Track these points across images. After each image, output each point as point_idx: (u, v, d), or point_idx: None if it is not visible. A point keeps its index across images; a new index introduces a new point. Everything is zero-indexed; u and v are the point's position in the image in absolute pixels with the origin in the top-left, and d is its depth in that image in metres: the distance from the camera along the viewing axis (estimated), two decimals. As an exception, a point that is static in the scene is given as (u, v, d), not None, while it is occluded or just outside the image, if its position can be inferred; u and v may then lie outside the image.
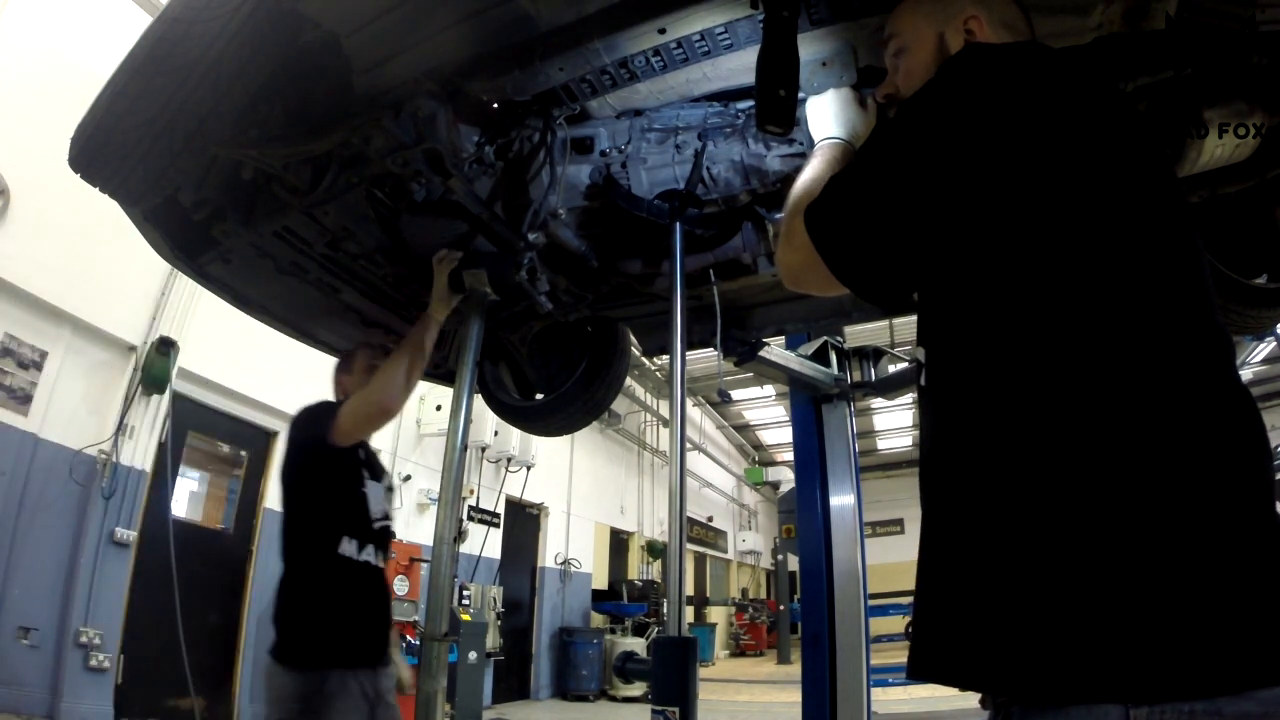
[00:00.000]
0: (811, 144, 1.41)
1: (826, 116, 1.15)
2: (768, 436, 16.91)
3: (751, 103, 1.45)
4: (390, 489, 2.10)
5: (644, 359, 7.62)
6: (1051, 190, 0.75)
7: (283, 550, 1.94)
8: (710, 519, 14.95)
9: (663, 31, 1.27)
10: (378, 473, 2.07)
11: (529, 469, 7.56)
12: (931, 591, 0.75)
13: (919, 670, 0.72)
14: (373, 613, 1.92)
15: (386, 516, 2.04)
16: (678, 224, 1.52)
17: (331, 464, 1.89)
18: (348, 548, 1.87)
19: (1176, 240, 0.76)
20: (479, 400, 2.23)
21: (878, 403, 9.00)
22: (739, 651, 15.53)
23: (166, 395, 4.60)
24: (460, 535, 6.69)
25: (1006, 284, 0.74)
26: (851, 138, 1.11)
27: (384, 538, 2.01)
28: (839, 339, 3.35)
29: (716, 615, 15.24)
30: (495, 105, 1.53)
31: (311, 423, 1.90)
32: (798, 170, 1.47)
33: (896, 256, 0.84)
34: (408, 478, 6.85)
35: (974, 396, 0.75)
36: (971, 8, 0.97)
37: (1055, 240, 0.73)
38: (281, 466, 1.97)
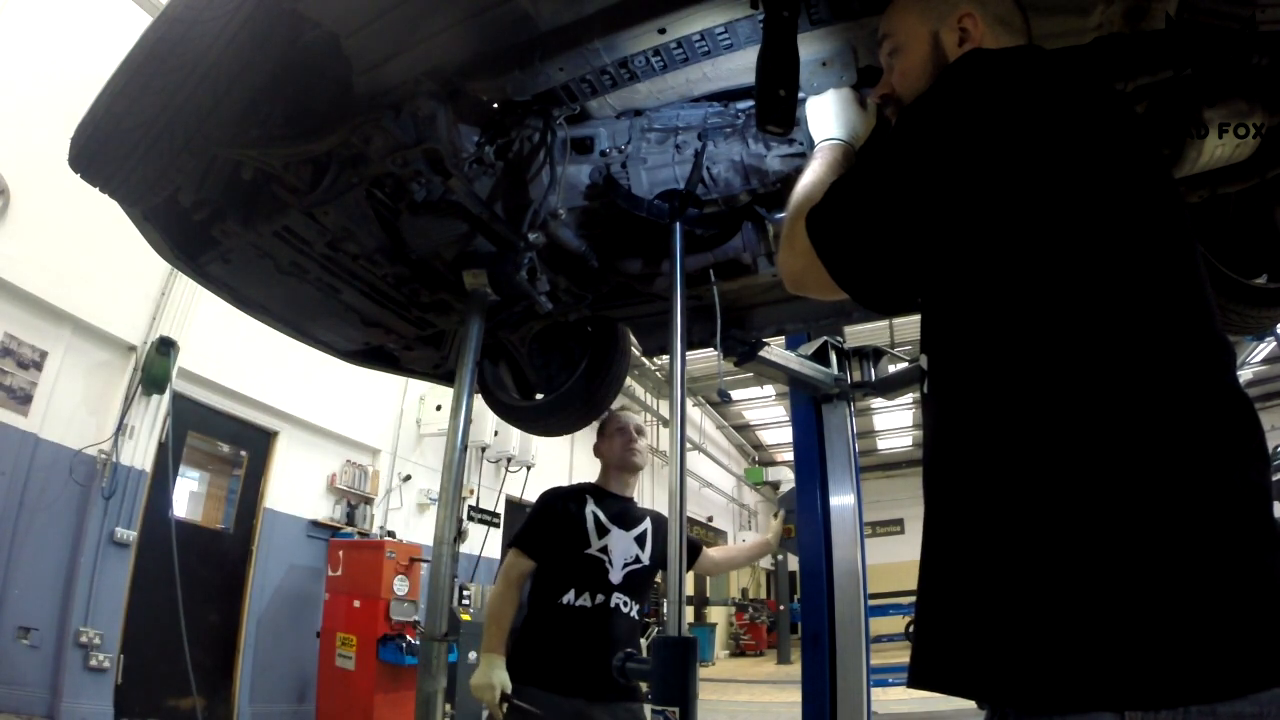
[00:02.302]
0: (811, 144, 1.41)
1: (827, 117, 1.15)
2: (768, 436, 16.91)
3: (751, 103, 1.45)
4: (644, 534, 2.30)
5: (644, 359, 7.62)
6: (1051, 199, 0.75)
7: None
8: (710, 519, 14.95)
9: (663, 31, 1.26)
10: (629, 522, 2.29)
11: (529, 469, 7.55)
12: (930, 599, 0.75)
13: (919, 679, 0.72)
14: (585, 650, 2.08)
15: (637, 560, 2.24)
16: (678, 224, 1.51)
17: (553, 539, 2.21)
18: (568, 597, 2.14)
19: (1175, 246, 0.76)
20: (479, 400, 2.23)
21: (878, 403, 9.00)
22: (739, 651, 15.53)
23: (166, 395, 4.60)
24: (460, 535, 6.67)
25: (1007, 292, 0.75)
26: (852, 138, 1.11)
27: (631, 582, 2.21)
28: (839, 339, 3.34)
29: (716, 615, 15.24)
30: (495, 105, 1.53)
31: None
32: (798, 170, 1.47)
33: (897, 264, 0.84)
34: (408, 478, 6.85)
35: (974, 405, 0.75)
36: (966, 4, 0.97)
37: (1055, 249, 0.74)
38: None
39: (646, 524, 2.32)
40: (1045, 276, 0.73)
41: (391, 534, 6.35)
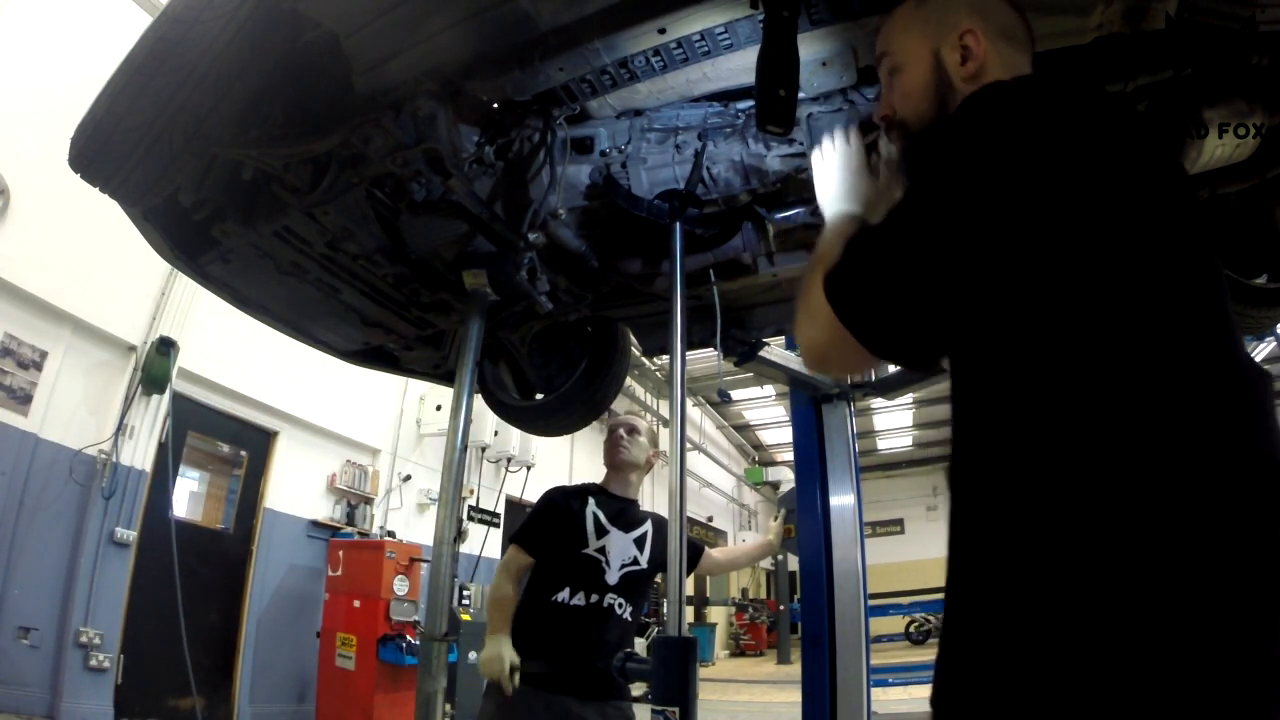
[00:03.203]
0: (811, 146, 1.41)
1: (835, 187, 1.08)
2: (768, 436, 16.91)
3: (751, 103, 1.45)
4: (643, 536, 2.31)
5: (644, 359, 7.62)
6: (1075, 242, 0.72)
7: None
8: (710, 519, 14.95)
9: (663, 31, 1.26)
10: (629, 524, 2.30)
11: (529, 469, 7.55)
12: (954, 642, 0.73)
13: (941, 713, 0.71)
14: (575, 648, 2.09)
15: (635, 562, 2.25)
16: (678, 224, 1.52)
17: (552, 537, 2.24)
18: (562, 595, 2.15)
19: (1204, 287, 0.74)
20: (479, 400, 2.23)
21: (878, 403, 9.01)
22: (739, 651, 15.53)
23: (166, 395, 4.60)
24: (460, 535, 6.70)
25: (1033, 340, 0.71)
26: (864, 210, 1.05)
27: (627, 584, 2.21)
28: (839, 339, 3.34)
29: (716, 615, 15.25)
30: (495, 105, 1.53)
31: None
32: (798, 170, 1.48)
33: (928, 316, 0.78)
34: (408, 478, 6.85)
35: (1000, 463, 0.72)
36: (966, 20, 0.94)
37: (1080, 291, 0.71)
38: None
39: (647, 527, 2.32)
40: (1069, 322, 0.70)
41: (391, 534, 6.35)
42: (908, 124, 0.99)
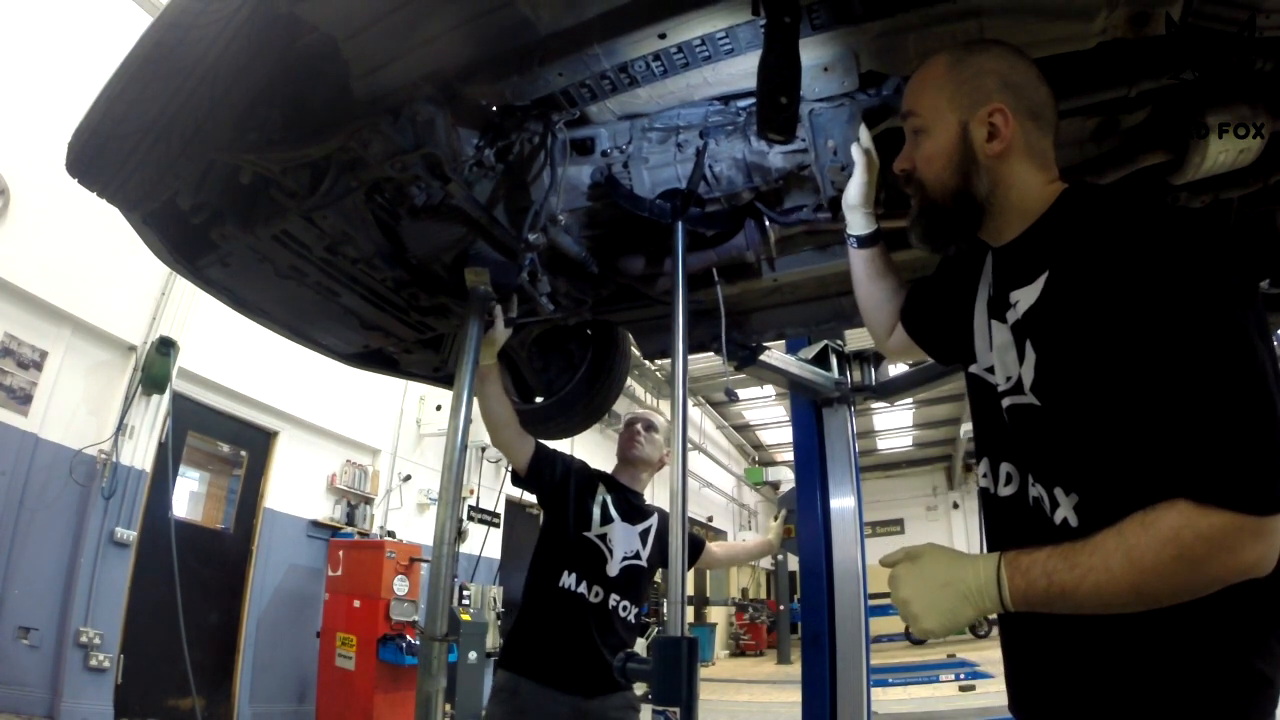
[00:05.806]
0: (813, 145, 1.40)
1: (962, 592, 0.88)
2: (768, 436, 16.91)
3: (752, 100, 1.44)
4: (648, 530, 2.30)
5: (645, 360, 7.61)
6: None
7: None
8: (710, 519, 14.96)
9: (663, 37, 1.25)
10: (635, 516, 2.29)
11: (529, 469, 7.54)
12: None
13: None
14: (578, 642, 2.09)
15: (637, 556, 2.23)
16: (680, 223, 1.51)
17: (556, 515, 2.23)
18: (567, 581, 2.13)
19: None
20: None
21: (878, 403, 8.97)
22: (739, 651, 15.54)
23: (166, 395, 4.60)
24: (460, 535, 6.70)
25: None
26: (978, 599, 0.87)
27: (627, 579, 2.20)
28: (839, 342, 3.33)
29: (716, 615, 15.25)
30: (495, 108, 1.53)
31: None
32: (800, 167, 1.47)
33: None
34: (408, 478, 6.85)
35: None
36: (998, 96, 0.96)
37: None
38: None
39: (652, 521, 2.32)
40: None
41: (391, 534, 6.35)
42: (925, 185, 1.02)
